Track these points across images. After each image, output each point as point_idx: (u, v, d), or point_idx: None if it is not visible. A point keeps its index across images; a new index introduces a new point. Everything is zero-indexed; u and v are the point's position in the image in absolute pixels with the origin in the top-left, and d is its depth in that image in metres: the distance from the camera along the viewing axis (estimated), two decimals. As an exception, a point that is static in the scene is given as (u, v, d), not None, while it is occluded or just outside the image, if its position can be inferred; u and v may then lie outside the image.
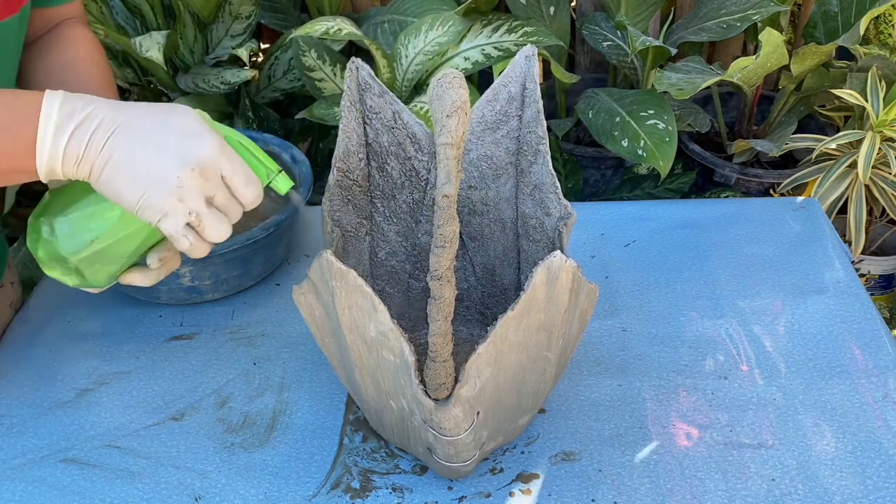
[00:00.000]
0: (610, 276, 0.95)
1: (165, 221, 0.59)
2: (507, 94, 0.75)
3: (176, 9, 1.45)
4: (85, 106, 0.57)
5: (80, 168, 0.57)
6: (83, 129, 0.57)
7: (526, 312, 0.59)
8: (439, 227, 0.56)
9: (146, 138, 0.57)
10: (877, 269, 1.67)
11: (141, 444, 0.76)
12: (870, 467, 0.70)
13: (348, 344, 0.63)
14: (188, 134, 0.58)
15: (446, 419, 0.60)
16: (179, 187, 0.58)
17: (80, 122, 0.57)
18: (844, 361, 0.81)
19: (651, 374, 0.81)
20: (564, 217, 0.70)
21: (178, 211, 0.59)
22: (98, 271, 0.64)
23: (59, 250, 0.62)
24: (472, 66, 1.37)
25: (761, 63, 1.37)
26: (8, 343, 0.89)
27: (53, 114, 0.56)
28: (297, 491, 0.72)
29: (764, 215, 1.03)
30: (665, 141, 1.34)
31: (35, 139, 0.56)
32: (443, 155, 0.58)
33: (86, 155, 0.57)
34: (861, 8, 1.49)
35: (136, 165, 0.57)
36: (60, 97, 0.57)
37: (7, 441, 0.77)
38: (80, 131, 0.57)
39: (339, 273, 0.58)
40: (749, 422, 0.75)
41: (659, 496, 0.69)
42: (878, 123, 1.42)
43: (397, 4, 1.51)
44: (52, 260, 0.63)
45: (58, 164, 0.57)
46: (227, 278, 0.91)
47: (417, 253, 0.84)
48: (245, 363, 0.85)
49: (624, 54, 1.61)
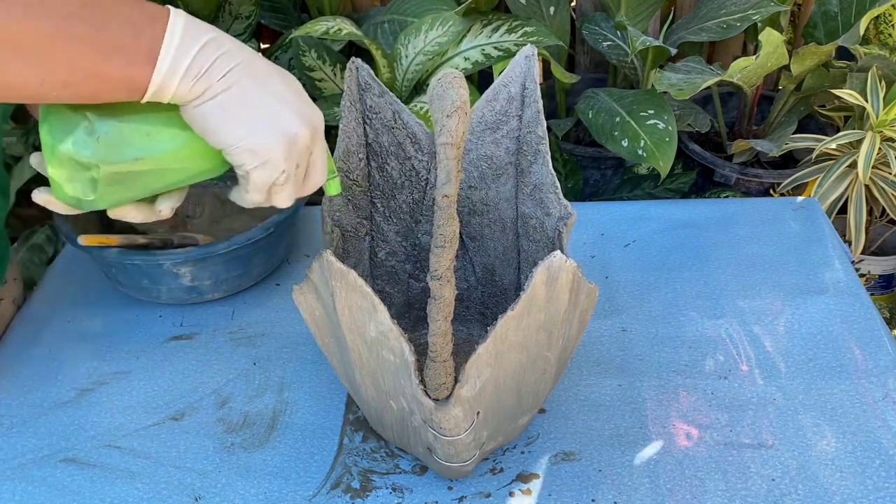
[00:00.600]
0: (610, 276, 0.95)
1: (260, 170, 0.56)
2: (507, 94, 0.75)
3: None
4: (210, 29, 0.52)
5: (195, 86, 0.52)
6: (209, 49, 0.52)
7: (526, 312, 0.59)
8: (439, 227, 0.56)
9: (269, 84, 0.54)
10: (877, 269, 1.67)
11: (141, 444, 0.76)
12: (870, 467, 0.70)
13: (348, 344, 0.63)
14: (305, 100, 0.57)
15: (446, 419, 0.60)
16: (292, 144, 0.55)
17: (206, 41, 0.52)
18: (844, 361, 0.81)
19: (651, 374, 0.81)
20: (564, 217, 0.70)
21: (277, 165, 0.56)
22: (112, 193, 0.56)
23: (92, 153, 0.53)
24: (472, 66, 1.37)
25: (761, 63, 1.37)
26: (8, 343, 0.89)
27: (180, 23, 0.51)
28: (297, 491, 0.72)
29: (764, 215, 1.03)
30: (665, 141, 1.34)
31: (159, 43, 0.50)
32: (443, 155, 0.58)
33: (207, 73, 0.52)
34: (861, 8, 1.49)
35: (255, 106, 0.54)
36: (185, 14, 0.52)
37: (7, 441, 0.77)
38: (207, 50, 0.52)
39: (339, 273, 0.58)
40: (749, 422, 0.75)
41: (659, 496, 0.69)
42: (878, 123, 1.42)
43: (397, 4, 1.51)
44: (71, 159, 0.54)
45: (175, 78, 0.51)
46: (227, 278, 0.91)
47: (417, 253, 0.84)
48: (245, 363, 0.85)
49: (624, 54, 1.60)
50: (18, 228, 1.67)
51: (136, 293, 0.92)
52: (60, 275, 1.00)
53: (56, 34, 0.47)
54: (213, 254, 0.86)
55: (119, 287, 0.93)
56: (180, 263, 0.86)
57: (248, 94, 0.53)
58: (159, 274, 0.88)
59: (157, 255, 0.85)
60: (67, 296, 0.96)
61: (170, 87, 0.52)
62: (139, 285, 0.90)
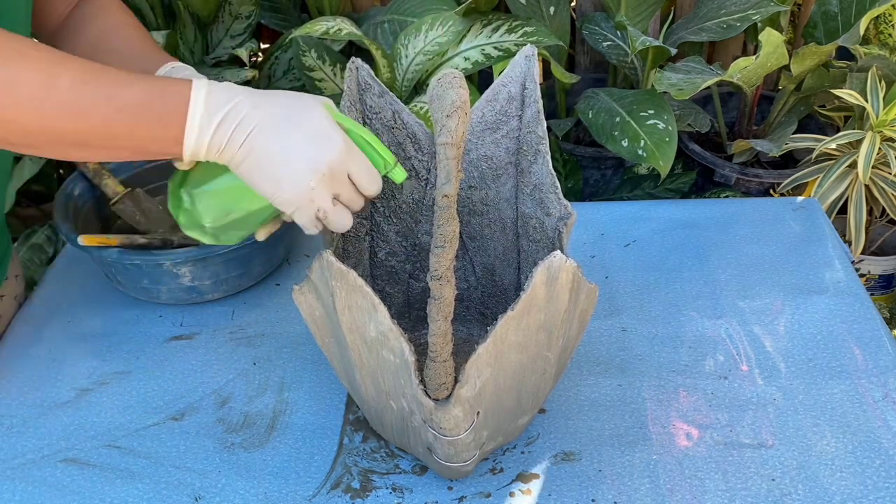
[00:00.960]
0: (610, 276, 0.95)
1: (297, 214, 0.65)
2: (507, 94, 0.75)
3: (176, 9, 1.45)
4: (227, 101, 0.61)
5: (220, 158, 0.62)
6: (225, 126, 0.61)
7: (526, 312, 0.59)
8: (439, 227, 0.56)
9: (282, 141, 0.62)
10: (877, 269, 1.67)
11: (141, 444, 0.76)
12: (870, 467, 0.70)
13: (348, 344, 0.63)
14: (319, 137, 0.62)
15: (446, 419, 0.60)
16: (311, 189, 0.62)
17: (222, 118, 0.61)
18: (844, 361, 0.81)
19: (651, 374, 0.81)
20: (564, 217, 0.70)
21: (308, 208, 0.64)
22: (231, 235, 0.71)
23: (199, 220, 0.69)
24: (472, 66, 1.37)
25: (761, 63, 1.37)
26: (8, 343, 0.89)
27: (199, 109, 0.60)
28: (297, 491, 0.72)
29: (764, 215, 1.03)
30: (665, 141, 1.34)
31: (183, 132, 0.60)
32: (443, 155, 0.58)
33: (227, 149, 0.61)
34: (861, 8, 1.49)
35: (273, 166, 0.62)
36: (205, 91, 0.61)
37: (7, 441, 0.77)
38: (223, 128, 0.61)
39: (339, 273, 0.58)
40: (749, 422, 0.75)
41: (659, 496, 0.69)
42: (878, 123, 1.42)
43: (397, 4, 1.51)
44: (192, 225, 0.69)
45: (201, 154, 0.62)
46: (227, 278, 0.91)
47: (417, 253, 0.84)
48: (245, 363, 0.85)
49: (624, 54, 1.60)
50: (18, 228, 1.67)
51: (136, 293, 0.92)
52: (60, 275, 1.00)
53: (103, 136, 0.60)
54: (213, 254, 0.86)
55: (119, 287, 0.93)
56: (180, 263, 0.86)
57: (268, 155, 0.62)
58: (159, 274, 0.88)
59: (157, 255, 0.85)
60: (67, 296, 0.96)
61: (200, 158, 0.63)
62: (139, 285, 0.90)
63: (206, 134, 0.61)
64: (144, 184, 1.02)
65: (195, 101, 0.60)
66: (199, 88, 0.61)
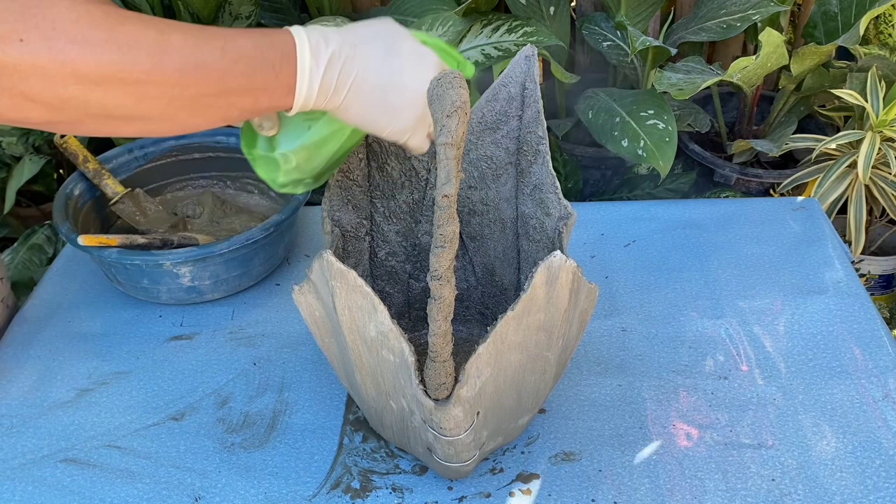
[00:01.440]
0: (610, 276, 0.95)
1: (413, 138, 0.66)
2: (507, 94, 0.75)
3: (176, 9, 1.45)
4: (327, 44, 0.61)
5: (329, 103, 0.62)
6: (332, 68, 0.60)
7: (526, 312, 0.59)
8: (439, 227, 0.56)
9: (389, 72, 0.62)
10: (877, 269, 1.66)
11: (141, 444, 0.76)
12: (870, 467, 0.70)
13: (348, 344, 0.63)
14: (417, 58, 0.64)
15: (446, 419, 0.60)
16: (424, 109, 0.64)
17: (328, 61, 0.60)
18: (844, 361, 0.81)
19: (651, 374, 0.81)
20: (564, 217, 0.70)
21: (422, 129, 0.66)
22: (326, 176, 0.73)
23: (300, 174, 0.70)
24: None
25: (761, 63, 1.37)
26: (7, 343, 0.89)
27: (306, 54, 0.59)
28: (297, 491, 0.72)
29: (764, 215, 1.03)
30: (665, 141, 1.34)
31: (294, 79, 0.59)
32: (443, 155, 0.58)
33: (335, 93, 0.61)
34: (861, 8, 1.49)
35: (386, 98, 0.63)
36: (304, 36, 0.60)
37: (7, 441, 0.77)
38: (331, 71, 0.60)
39: (339, 273, 0.58)
40: (749, 422, 0.75)
41: (659, 496, 0.69)
42: (878, 123, 1.42)
43: (397, 4, 1.51)
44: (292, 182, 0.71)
45: (311, 101, 0.61)
46: (227, 278, 0.91)
47: (417, 253, 0.84)
48: (245, 363, 0.85)
49: (624, 54, 1.60)
50: (18, 228, 1.67)
51: (136, 293, 0.92)
52: (60, 275, 1.00)
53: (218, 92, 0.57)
54: (213, 254, 0.86)
55: (119, 287, 0.93)
56: (180, 263, 0.86)
57: (379, 88, 0.62)
58: (159, 274, 0.88)
59: (157, 255, 0.85)
60: (67, 296, 0.96)
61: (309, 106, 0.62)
62: (139, 285, 0.90)
63: (316, 79, 0.60)
64: (144, 184, 1.02)
65: (301, 47, 0.59)
66: (299, 33, 0.60)
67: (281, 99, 0.60)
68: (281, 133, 0.68)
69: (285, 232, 0.94)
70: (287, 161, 0.68)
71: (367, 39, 0.63)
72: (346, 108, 0.63)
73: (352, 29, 0.63)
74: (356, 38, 0.62)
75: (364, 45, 0.62)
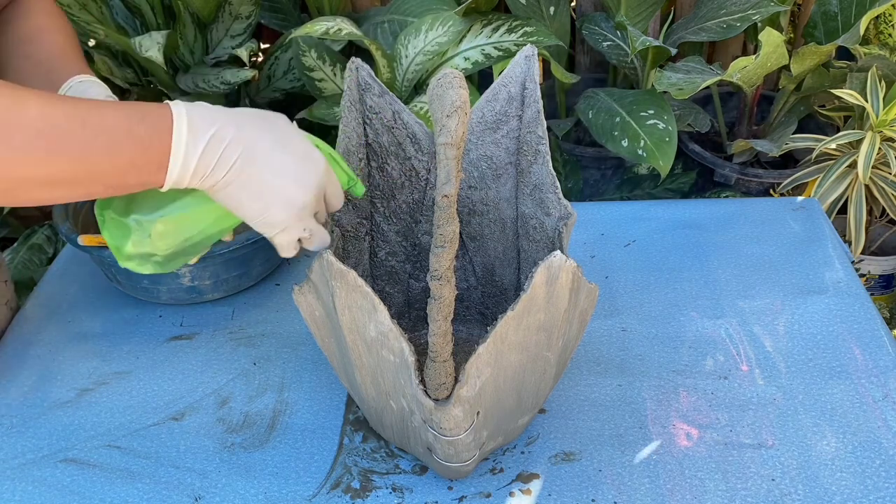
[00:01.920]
0: (610, 276, 0.95)
1: (281, 235, 0.64)
2: (507, 94, 0.75)
3: (176, 9, 1.45)
4: (210, 124, 0.58)
5: (204, 182, 0.59)
6: (212, 149, 0.58)
7: (526, 312, 0.59)
8: (439, 227, 0.56)
9: (270, 161, 0.60)
10: (877, 269, 1.66)
11: (141, 444, 0.76)
12: (870, 467, 0.70)
13: (348, 344, 0.63)
14: (304, 157, 0.62)
15: (446, 419, 0.60)
16: (301, 209, 0.62)
17: (208, 141, 0.58)
18: (844, 361, 0.81)
19: (651, 374, 0.81)
20: (564, 217, 0.70)
21: (295, 228, 0.63)
22: (178, 262, 0.67)
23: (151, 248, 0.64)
24: (472, 66, 1.37)
25: (761, 63, 1.37)
26: (8, 343, 0.89)
27: (183, 132, 0.57)
28: (297, 491, 0.72)
29: (764, 215, 1.03)
30: (665, 141, 1.34)
31: (167, 156, 0.57)
32: (443, 155, 0.58)
33: (213, 173, 0.59)
34: (861, 8, 1.49)
35: (261, 187, 0.60)
36: (185, 113, 0.58)
37: (7, 441, 0.77)
38: (210, 152, 0.58)
39: (339, 273, 0.58)
40: (749, 422, 0.75)
41: (659, 496, 0.69)
42: (878, 123, 1.42)
43: (397, 4, 1.51)
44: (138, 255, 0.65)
45: (185, 180, 0.59)
46: (227, 278, 0.91)
47: (417, 253, 0.84)
48: (245, 363, 0.85)
49: (624, 54, 1.61)
50: (18, 228, 1.67)
51: (136, 293, 0.92)
52: (60, 275, 1.00)
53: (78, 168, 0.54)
54: (213, 254, 0.86)
55: (119, 287, 0.93)
56: (180, 263, 0.86)
57: (253, 181, 0.60)
58: (159, 274, 0.87)
59: (157, 255, 0.85)
60: (67, 296, 0.96)
61: (183, 184, 0.59)
62: (139, 285, 0.90)
63: (192, 158, 0.57)
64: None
65: (178, 124, 0.57)
66: (178, 109, 0.58)
67: (151, 175, 0.57)
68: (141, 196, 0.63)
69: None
70: (141, 229, 0.63)
71: (257, 127, 0.61)
72: (221, 190, 0.60)
73: (242, 112, 0.61)
74: (244, 122, 0.60)
75: (252, 131, 0.60)
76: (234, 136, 0.59)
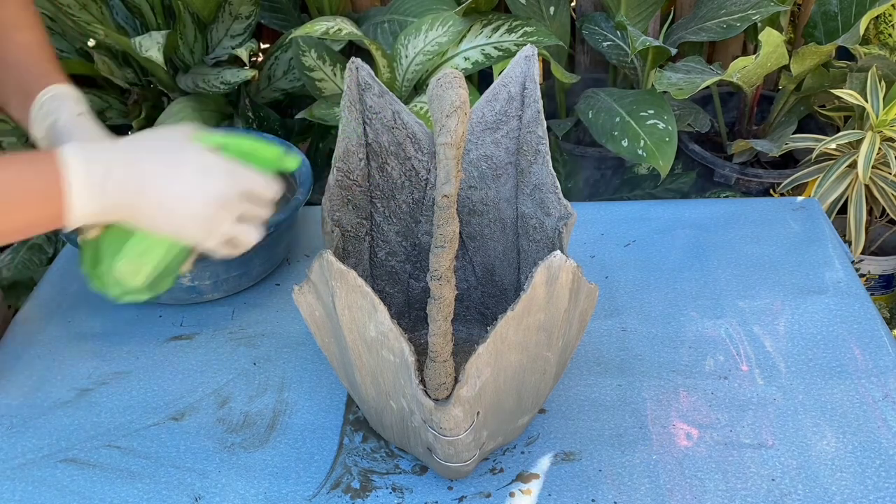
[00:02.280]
0: (610, 276, 0.95)
1: (203, 245, 0.67)
2: (507, 94, 0.75)
3: (176, 9, 1.45)
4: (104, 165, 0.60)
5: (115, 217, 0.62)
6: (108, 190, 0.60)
7: (526, 312, 0.59)
8: (439, 227, 0.56)
9: (171, 184, 0.63)
10: (877, 269, 1.66)
11: (141, 444, 0.76)
12: (870, 467, 0.70)
13: (348, 344, 0.63)
14: (201, 171, 0.64)
15: (446, 419, 0.60)
16: (207, 220, 0.64)
17: (101, 182, 0.60)
18: (844, 361, 0.81)
19: (651, 374, 0.81)
20: (564, 217, 0.70)
21: (212, 236, 0.66)
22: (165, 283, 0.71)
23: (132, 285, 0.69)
24: (472, 66, 1.37)
25: (761, 63, 1.37)
26: (8, 343, 0.89)
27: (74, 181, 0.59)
28: (297, 491, 0.72)
29: (764, 215, 1.03)
30: (665, 141, 1.34)
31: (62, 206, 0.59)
32: (443, 155, 0.58)
33: (116, 209, 0.62)
34: (861, 8, 1.49)
35: (169, 210, 0.63)
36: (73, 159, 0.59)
37: (7, 441, 0.77)
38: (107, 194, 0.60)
39: (339, 273, 0.58)
40: (749, 422, 0.75)
41: (659, 496, 0.69)
42: (878, 123, 1.42)
43: (397, 4, 1.51)
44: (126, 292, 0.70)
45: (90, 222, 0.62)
46: (227, 278, 0.91)
47: (417, 253, 0.84)
48: (245, 363, 0.85)
49: (624, 54, 1.60)
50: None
51: (136, 293, 0.92)
52: (60, 275, 1.00)
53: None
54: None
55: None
56: (180, 263, 0.86)
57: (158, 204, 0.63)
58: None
59: (157, 255, 0.85)
60: (67, 296, 0.96)
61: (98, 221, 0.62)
62: (139, 285, 0.90)
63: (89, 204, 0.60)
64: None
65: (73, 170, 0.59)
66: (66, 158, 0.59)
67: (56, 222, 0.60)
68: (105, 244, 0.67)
69: (285, 232, 0.94)
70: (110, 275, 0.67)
71: (150, 152, 0.63)
72: (136, 221, 0.63)
73: (134, 141, 0.63)
74: (137, 152, 0.62)
75: (146, 161, 0.62)
76: (128, 173, 0.61)
